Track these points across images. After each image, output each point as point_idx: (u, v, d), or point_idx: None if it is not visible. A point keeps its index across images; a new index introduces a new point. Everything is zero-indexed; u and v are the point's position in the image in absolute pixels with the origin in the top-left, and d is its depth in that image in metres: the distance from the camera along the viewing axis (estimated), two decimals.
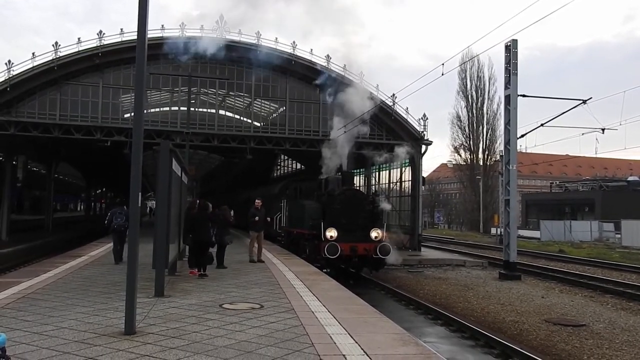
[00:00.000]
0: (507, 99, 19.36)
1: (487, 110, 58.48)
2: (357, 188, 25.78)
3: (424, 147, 27.95)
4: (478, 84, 58.61)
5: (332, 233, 16.51)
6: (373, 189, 31.64)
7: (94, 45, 24.29)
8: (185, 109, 22.49)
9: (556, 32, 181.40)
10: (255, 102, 29.32)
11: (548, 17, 14.18)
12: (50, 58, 23.82)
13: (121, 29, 24.41)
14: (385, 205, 19.25)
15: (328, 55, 26.24)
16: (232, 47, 25.70)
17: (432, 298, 15.66)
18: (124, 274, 6.72)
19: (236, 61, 26.51)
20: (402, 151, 23.34)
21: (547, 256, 28.45)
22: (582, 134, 21.48)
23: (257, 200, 15.70)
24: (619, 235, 39.31)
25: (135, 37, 7.08)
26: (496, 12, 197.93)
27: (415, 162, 28.01)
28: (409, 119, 27.68)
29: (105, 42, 24.35)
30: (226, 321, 7.18)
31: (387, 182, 32.45)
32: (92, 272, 12.04)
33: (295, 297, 9.23)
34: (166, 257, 9.05)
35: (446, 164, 69.84)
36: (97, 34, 24.35)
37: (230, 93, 28.51)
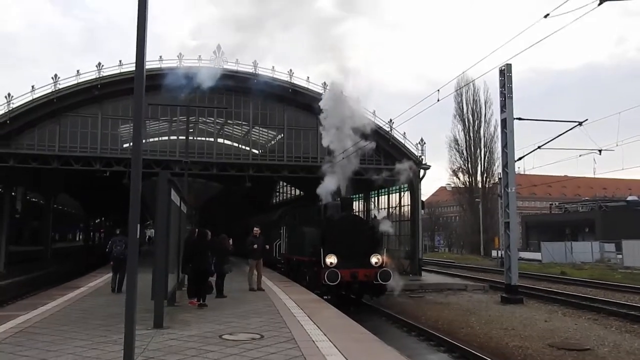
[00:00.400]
0: (504, 122, 19.51)
1: (484, 133, 58.93)
2: (357, 213, 25.73)
3: (422, 171, 28.04)
4: (474, 107, 59.19)
5: (332, 259, 16.41)
6: (372, 214, 31.58)
7: (93, 77, 24.60)
8: (184, 137, 22.63)
9: (551, 54, 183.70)
10: (253, 130, 29.51)
11: (543, 40, 14.30)
12: (50, 90, 24.06)
13: (120, 61, 24.85)
14: (386, 226, 19.08)
15: (325, 83, 26.53)
16: (230, 77, 26.03)
17: (434, 324, 15.49)
18: (123, 306, 6.67)
19: (234, 90, 26.80)
20: (404, 167, 22.90)
21: (549, 278, 28.27)
22: (580, 155, 21.59)
23: (255, 228, 15.67)
24: (620, 256, 39.11)
25: (134, 69, 7.17)
26: (490, 36, 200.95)
27: (414, 186, 28.06)
28: (406, 144, 27.87)
29: (104, 74, 24.64)
30: (226, 352, 7.10)
31: (386, 206, 32.43)
32: (90, 304, 11.94)
33: (295, 326, 9.14)
34: (165, 287, 8.99)
35: (445, 187, 69.96)
36: (96, 66, 24.70)
37: (229, 121, 28.72)
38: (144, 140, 21.53)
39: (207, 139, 29.15)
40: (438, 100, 15.65)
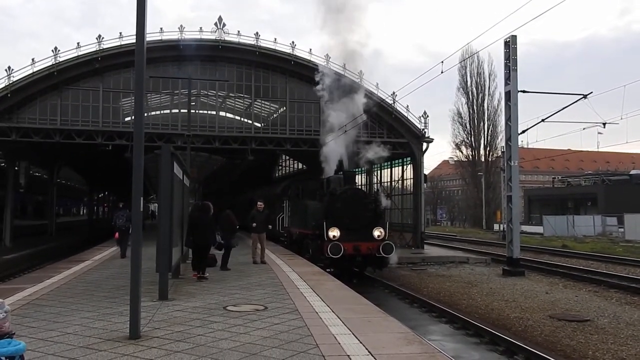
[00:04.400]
0: (508, 95, 19.35)
1: (487, 107, 58.45)
2: (359, 187, 25.74)
3: (424, 144, 27.92)
4: (478, 80, 58.55)
5: (334, 233, 16.50)
6: (375, 187, 31.61)
7: (94, 49, 24.32)
8: (186, 111, 22.52)
9: (552, 27, 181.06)
10: (255, 103, 29.33)
11: (544, 12, 13.99)
12: (50, 63, 23.82)
13: (120, 33, 24.46)
14: (383, 200, 19.12)
15: (327, 55, 26.22)
16: (231, 49, 25.76)
17: (436, 296, 15.65)
18: (128, 278, 6.75)
19: (236, 62, 26.54)
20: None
21: (550, 251, 28.42)
22: (584, 128, 21.51)
23: (259, 203, 15.70)
24: (622, 229, 39.24)
25: (134, 41, 7.09)
26: (495, 8, 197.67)
27: (416, 160, 27.99)
28: (409, 117, 27.65)
29: (105, 47, 24.36)
30: (230, 323, 7.19)
31: (389, 180, 32.43)
32: (95, 276, 12.07)
33: (299, 297, 9.24)
34: (169, 260, 9.07)
35: (448, 160, 69.78)
36: (96, 38, 24.46)
37: (231, 94, 28.52)
38: (145, 114, 21.41)
39: (209, 112, 29.00)
40: (442, 72, 15.48)
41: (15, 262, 21.85)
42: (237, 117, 30.53)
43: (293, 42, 26.43)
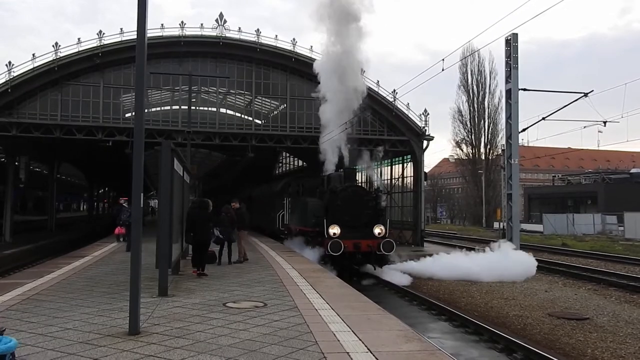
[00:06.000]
0: (508, 93, 19.35)
1: (488, 105, 58.41)
2: (360, 184, 25.76)
3: (425, 142, 27.91)
4: (479, 78, 58.48)
5: (335, 230, 16.51)
6: (375, 184, 31.59)
7: (94, 45, 24.27)
8: (186, 107, 22.49)
9: (551, 25, 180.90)
10: (256, 99, 29.30)
11: (544, 10, 13.99)
12: (51, 59, 23.78)
13: (121, 29, 24.39)
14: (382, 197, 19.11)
15: (328, 52, 26.12)
16: (232, 45, 25.73)
17: (436, 293, 15.67)
18: (128, 274, 6.75)
19: (237, 59, 26.52)
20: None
21: (550, 250, 28.41)
22: (584, 127, 21.44)
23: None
24: (621, 228, 39.24)
25: (135, 37, 7.07)
26: (495, 6, 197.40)
27: (417, 158, 27.98)
28: (410, 115, 27.63)
29: (105, 42, 24.32)
30: (230, 320, 7.20)
31: (389, 178, 32.43)
32: (95, 272, 12.07)
33: (298, 295, 9.24)
34: (169, 256, 9.07)
35: (448, 158, 69.76)
36: (97, 34, 24.32)
37: (231, 91, 28.49)
38: (146, 110, 21.42)
39: (210, 108, 28.97)
40: (443, 70, 15.46)
41: (15, 258, 21.86)
42: (238, 114, 30.50)
43: (294, 39, 26.45)
